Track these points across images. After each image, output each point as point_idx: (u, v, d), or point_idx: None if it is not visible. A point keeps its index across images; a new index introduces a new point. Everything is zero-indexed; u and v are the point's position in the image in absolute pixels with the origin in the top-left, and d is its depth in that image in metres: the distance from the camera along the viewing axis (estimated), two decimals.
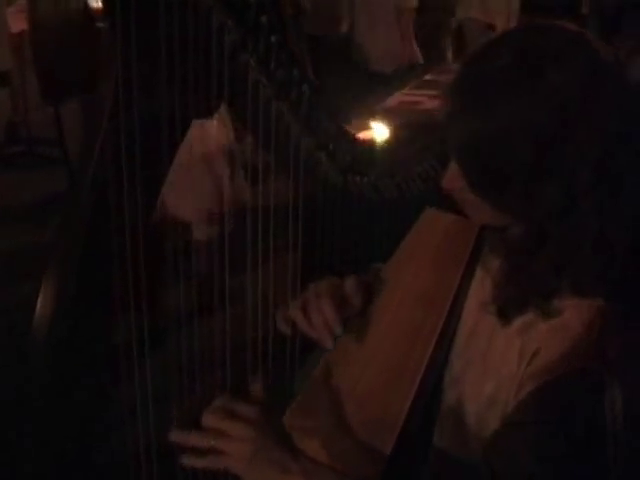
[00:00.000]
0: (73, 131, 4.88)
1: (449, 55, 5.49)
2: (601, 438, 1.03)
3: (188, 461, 1.10)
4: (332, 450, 1.17)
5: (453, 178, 1.20)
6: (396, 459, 1.14)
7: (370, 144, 1.45)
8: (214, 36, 1.17)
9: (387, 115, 2.55)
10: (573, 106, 1.06)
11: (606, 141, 1.06)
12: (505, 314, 1.18)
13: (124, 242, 1.14)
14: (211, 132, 1.33)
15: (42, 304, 1.16)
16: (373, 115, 2.48)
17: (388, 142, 1.49)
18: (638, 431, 1.05)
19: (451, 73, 1.15)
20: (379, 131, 2.22)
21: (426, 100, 3.61)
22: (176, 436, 1.12)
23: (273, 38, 1.21)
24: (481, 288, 1.34)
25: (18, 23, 5.26)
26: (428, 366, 1.26)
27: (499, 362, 1.19)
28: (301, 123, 1.30)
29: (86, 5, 4.30)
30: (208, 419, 1.12)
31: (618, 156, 1.07)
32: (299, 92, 1.27)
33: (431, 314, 1.35)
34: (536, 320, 1.14)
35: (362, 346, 1.38)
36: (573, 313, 1.10)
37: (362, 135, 1.49)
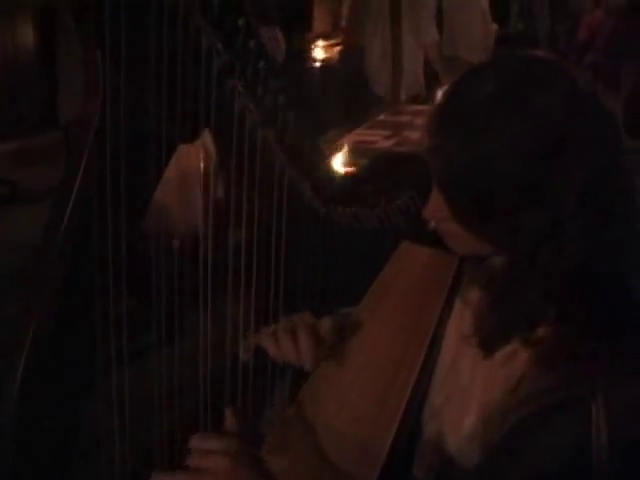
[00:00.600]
0: None
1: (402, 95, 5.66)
2: (587, 466, 1.02)
3: None
4: None
5: (436, 208, 1.19)
6: None
7: (351, 175, 1.44)
8: (203, 59, 1.16)
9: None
10: (558, 131, 1.07)
11: (591, 164, 1.07)
12: (488, 346, 1.17)
13: (107, 263, 1.11)
14: (191, 156, 1.32)
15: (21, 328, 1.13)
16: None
17: (368, 174, 1.49)
18: (623, 460, 1.04)
19: (404, 114, 1.17)
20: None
21: (380, 139, 3.70)
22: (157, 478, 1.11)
23: (261, 63, 1.20)
24: (460, 321, 1.32)
25: None
26: (409, 400, 1.25)
27: (480, 394, 1.18)
28: (286, 151, 1.29)
29: None
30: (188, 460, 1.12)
31: (603, 180, 1.09)
32: (284, 120, 1.27)
33: (410, 348, 1.33)
34: (520, 348, 1.13)
35: (339, 380, 1.36)
36: (558, 341, 1.10)
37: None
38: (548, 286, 1.10)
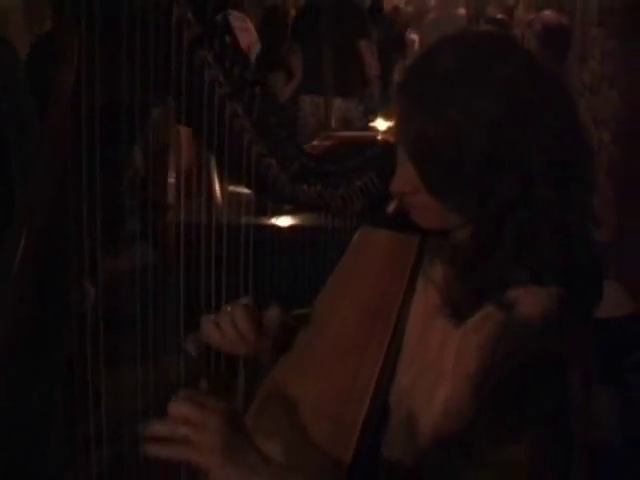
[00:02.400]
0: None
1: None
2: (567, 415, 1.07)
3: (152, 450, 1.04)
4: (294, 459, 1.16)
5: (404, 180, 1.21)
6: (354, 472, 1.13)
7: (315, 155, 1.47)
8: (174, 30, 1.18)
9: None
10: (521, 95, 1.12)
11: (555, 128, 1.12)
12: (460, 313, 1.17)
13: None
14: None
15: None
16: None
17: (330, 155, 1.52)
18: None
19: (334, 139, 1.22)
20: None
21: None
22: (145, 428, 1.05)
23: (228, 38, 1.23)
24: (425, 299, 1.31)
25: None
26: (378, 379, 1.25)
27: (453, 364, 1.16)
28: (253, 126, 1.32)
29: None
30: (175, 407, 1.06)
31: (566, 142, 1.14)
32: (251, 94, 1.29)
33: (376, 330, 1.32)
34: (493, 312, 1.14)
35: (307, 367, 1.36)
36: (531, 301, 1.12)
37: None
38: (518, 249, 1.13)
